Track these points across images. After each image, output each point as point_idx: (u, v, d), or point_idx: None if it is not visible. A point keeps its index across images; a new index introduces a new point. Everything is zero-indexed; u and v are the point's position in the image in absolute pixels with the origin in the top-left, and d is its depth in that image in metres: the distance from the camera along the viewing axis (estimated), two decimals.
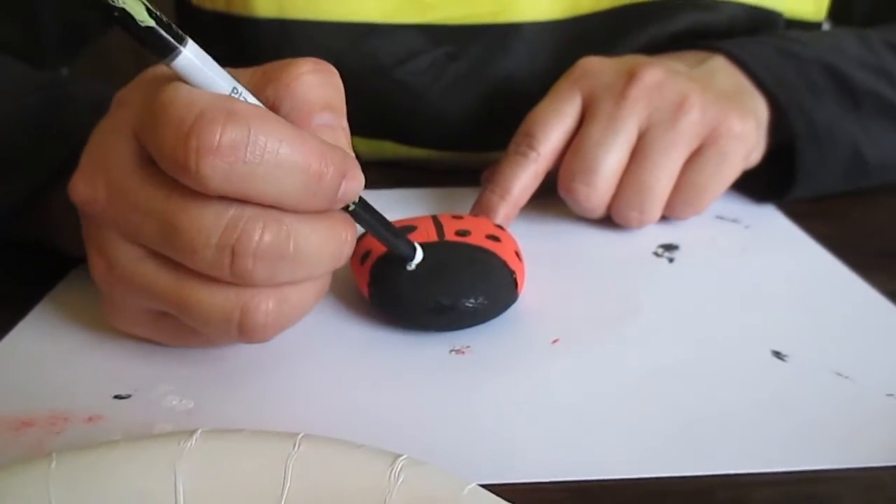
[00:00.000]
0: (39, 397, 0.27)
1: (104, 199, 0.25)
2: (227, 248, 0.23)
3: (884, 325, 0.32)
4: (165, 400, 0.27)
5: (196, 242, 0.23)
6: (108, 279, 0.26)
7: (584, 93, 0.40)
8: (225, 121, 0.22)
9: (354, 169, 0.25)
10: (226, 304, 0.25)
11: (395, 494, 0.20)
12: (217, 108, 0.22)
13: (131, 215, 0.24)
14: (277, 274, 0.24)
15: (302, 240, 0.24)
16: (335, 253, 0.26)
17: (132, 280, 0.25)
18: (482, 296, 0.30)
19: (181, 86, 0.23)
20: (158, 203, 0.24)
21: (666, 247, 0.39)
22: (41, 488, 0.21)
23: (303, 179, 0.23)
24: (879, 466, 0.24)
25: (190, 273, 0.24)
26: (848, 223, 0.43)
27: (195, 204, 0.23)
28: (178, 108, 0.22)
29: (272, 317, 0.25)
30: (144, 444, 0.22)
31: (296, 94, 0.25)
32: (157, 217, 0.24)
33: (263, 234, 0.23)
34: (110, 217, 0.25)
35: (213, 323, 0.25)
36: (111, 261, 0.26)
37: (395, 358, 0.30)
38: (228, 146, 0.22)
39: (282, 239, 0.23)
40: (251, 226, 0.23)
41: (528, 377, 0.29)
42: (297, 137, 0.23)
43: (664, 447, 0.25)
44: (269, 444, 0.22)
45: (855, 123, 0.44)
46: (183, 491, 0.21)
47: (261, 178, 0.22)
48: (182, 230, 0.23)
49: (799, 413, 0.27)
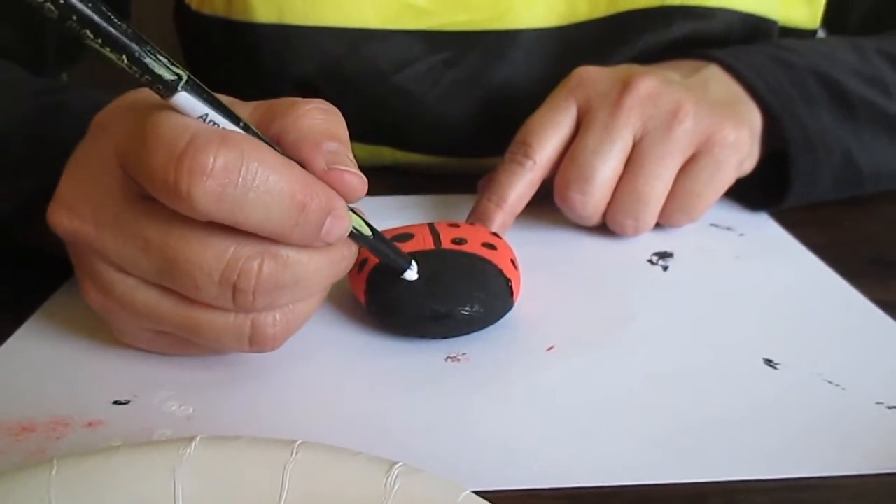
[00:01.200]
0: (40, 403, 0.27)
1: (92, 230, 0.25)
2: (228, 285, 0.24)
3: (874, 334, 0.33)
4: (165, 405, 0.28)
5: (199, 280, 0.24)
6: (104, 305, 0.26)
7: (579, 102, 0.40)
8: (219, 144, 0.22)
9: (341, 209, 0.25)
10: (237, 324, 0.25)
11: (391, 502, 0.21)
12: (210, 133, 0.22)
13: (125, 249, 0.24)
14: (278, 300, 0.25)
15: (299, 269, 0.25)
16: (334, 273, 0.27)
17: (132, 306, 0.26)
18: (478, 304, 0.31)
19: (171, 112, 0.23)
20: (155, 238, 0.24)
21: (660, 254, 0.40)
22: (42, 494, 0.21)
23: (288, 208, 0.23)
24: (869, 474, 0.25)
25: (194, 301, 0.25)
26: (841, 231, 0.44)
27: (195, 239, 0.24)
28: (171, 131, 0.22)
29: (280, 328, 0.26)
30: (144, 451, 0.22)
31: (303, 126, 0.25)
32: (154, 253, 0.24)
33: (262, 269, 0.24)
34: (100, 248, 0.25)
35: (225, 341, 0.26)
36: (105, 288, 0.26)
37: (391, 365, 0.30)
38: (222, 169, 0.22)
39: (279, 270, 0.24)
40: (251, 262, 0.24)
41: (523, 384, 0.29)
42: (287, 167, 0.23)
43: (657, 454, 0.25)
44: (267, 450, 0.22)
45: (848, 132, 0.44)
46: (182, 497, 0.21)
47: (250, 204, 0.23)
48: (183, 267, 0.24)
49: (790, 421, 0.27)
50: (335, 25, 0.48)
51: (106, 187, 0.25)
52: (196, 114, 0.23)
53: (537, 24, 0.49)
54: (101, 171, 0.25)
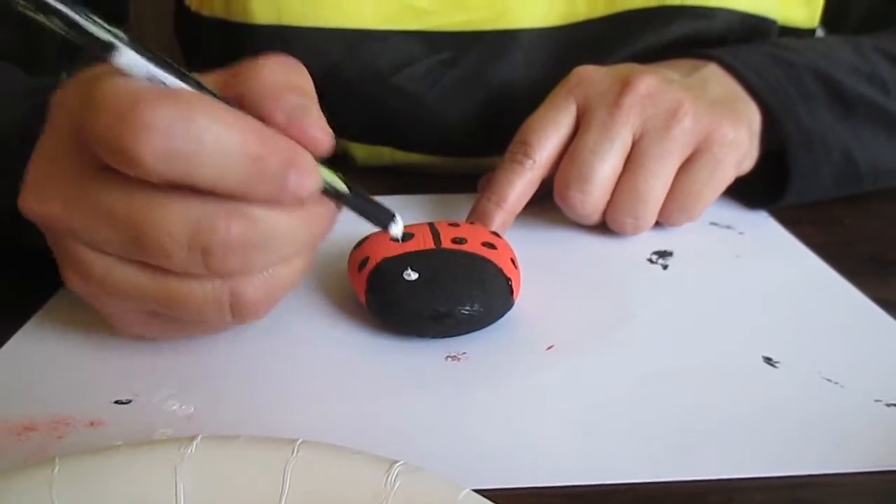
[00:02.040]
0: (41, 402, 0.28)
1: (60, 210, 0.24)
2: (197, 248, 0.23)
3: (873, 332, 0.33)
4: (165, 405, 0.28)
5: (168, 246, 0.23)
6: (87, 290, 0.26)
7: (578, 101, 0.41)
8: (164, 102, 0.21)
9: (306, 162, 0.24)
10: (215, 293, 0.25)
11: (392, 500, 0.21)
12: (155, 91, 0.22)
13: (93, 224, 0.24)
14: (253, 262, 0.25)
15: (270, 227, 0.24)
16: (312, 234, 0.26)
17: (112, 288, 0.25)
18: (478, 303, 0.31)
19: (117, 76, 0.22)
20: (119, 207, 0.23)
21: (660, 253, 0.40)
22: (44, 492, 0.21)
23: (242, 162, 0.23)
24: (867, 472, 0.25)
25: (169, 272, 0.25)
26: (840, 230, 0.44)
27: (158, 205, 0.23)
28: (114, 92, 0.22)
29: (261, 295, 0.26)
30: (145, 450, 0.22)
31: (263, 81, 0.25)
32: (121, 224, 0.23)
33: (230, 228, 0.23)
34: (71, 228, 0.24)
35: (206, 312, 0.25)
36: (85, 271, 0.25)
37: (391, 364, 0.30)
38: (168, 126, 0.21)
39: (248, 229, 0.24)
40: (216, 222, 0.23)
41: (523, 383, 0.29)
42: (239, 120, 0.23)
43: (657, 452, 0.26)
44: (267, 449, 0.22)
45: (847, 130, 0.45)
46: (183, 495, 0.21)
47: (202, 161, 0.22)
48: (149, 235, 0.23)
49: (789, 419, 0.27)
50: (334, 26, 0.48)
51: (67, 164, 0.24)
52: (142, 74, 0.22)
53: (536, 23, 0.49)
54: (61, 149, 0.24)
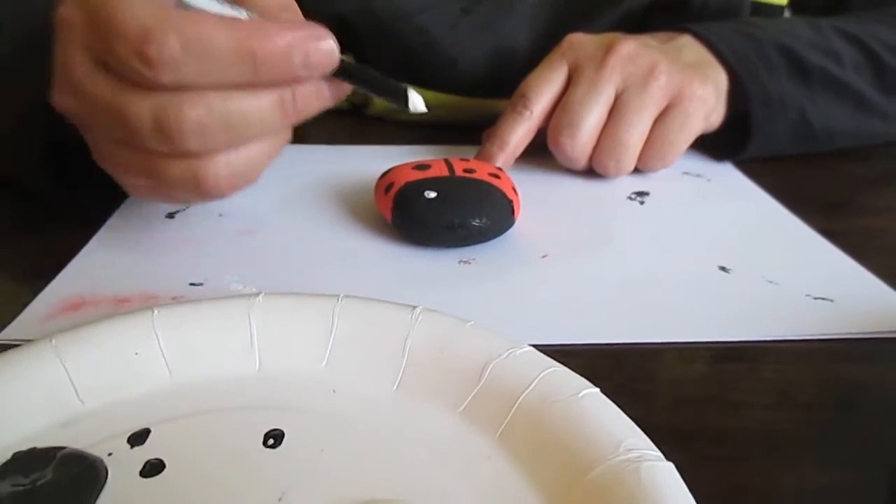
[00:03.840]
0: (132, 284, 0.34)
1: (75, 105, 0.30)
2: (158, 128, 0.28)
3: (811, 249, 0.40)
4: (231, 286, 0.34)
5: (137, 126, 0.28)
6: (107, 166, 0.32)
7: (570, 62, 0.47)
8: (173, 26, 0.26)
9: (313, 39, 0.28)
10: (183, 173, 0.30)
11: (415, 330, 0.27)
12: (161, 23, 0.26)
13: (94, 115, 0.30)
14: (212, 143, 0.29)
15: (227, 112, 0.28)
16: (280, 115, 0.30)
17: (123, 166, 0.31)
18: (486, 217, 0.37)
19: None
20: (109, 98, 0.28)
21: (638, 193, 0.47)
22: (148, 327, 0.27)
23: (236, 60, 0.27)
24: (791, 340, 0.31)
25: (152, 152, 0.30)
26: (794, 179, 0.51)
27: (134, 95, 0.28)
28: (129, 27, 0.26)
29: (223, 179, 0.30)
30: (225, 301, 0.29)
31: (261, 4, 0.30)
32: (109, 111, 0.29)
33: (187, 113, 0.28)
34: (84, 117, 0.30)
35: (177, 188, 0.30)
36: (100, 153, 0.31)
37: (414, 267, 0.37)
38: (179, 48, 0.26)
39: (205, 113, 0.28)
40: (176, 107, 0.28)
41: (521, 281, 0.36)
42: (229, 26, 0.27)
43: (629, 325, 0.32)
44: (318, 299, 0.29)
45: (804, 95, 0.51)
46: (256, 330, 0.28)
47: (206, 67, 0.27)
48: (125, 118, 0.28)
49: (734, 305, 0.34)
50: None
51: (77, 70, 0.29)
52: None
53: None
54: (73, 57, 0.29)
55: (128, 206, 0.42)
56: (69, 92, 0.30)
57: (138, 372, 0.26)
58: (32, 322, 0.31)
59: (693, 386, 0.29)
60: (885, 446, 0.26)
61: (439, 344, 0.27)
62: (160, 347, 0.27)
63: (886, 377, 0.29)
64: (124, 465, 0.23)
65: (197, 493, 0.22)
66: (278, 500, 0.22)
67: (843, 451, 0.26)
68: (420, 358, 0.27)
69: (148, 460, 0.23)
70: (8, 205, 0.42)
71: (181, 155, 0.29)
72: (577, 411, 0.24)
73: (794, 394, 0.28)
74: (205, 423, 0.25)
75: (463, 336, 0.27)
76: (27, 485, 0.22)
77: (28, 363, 0.25)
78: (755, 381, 0.29)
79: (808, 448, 0.26)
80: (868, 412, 0.28)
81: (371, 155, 0.52)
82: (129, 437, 0.24)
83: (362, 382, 0.27)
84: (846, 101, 0.53)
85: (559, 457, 0.23)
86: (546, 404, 0.24)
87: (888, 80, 0.54)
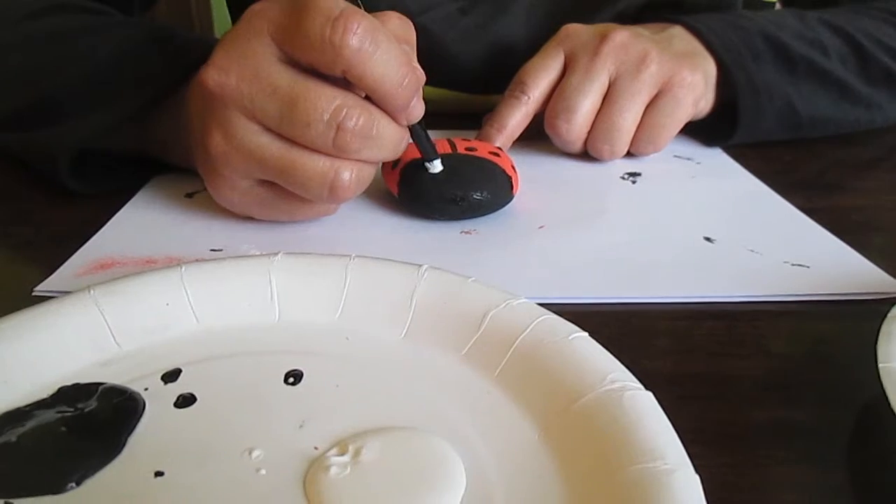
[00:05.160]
0: (156, 247, 0.37)
1: (234, 84, 0.33)
2: (333, 124, 0.33)
3: (791, 223, 0.42)
4: (249, 253, 0.37)
5: (312, 117, 0.32)
6: (224, 150, 0.35)
7: (566, 51, 0.50)
8: (362, 15, 0.31)
9: (421, 96, 0.35)
10: (324, 168, 0.34)
11: (420, 285, 0.30)
12: (353, 7, 0.32)
13: (258, 95, 0.33)
14: (362, 150, 0.34)
15: (382, 128, 0.34)
16: (396, 146, 0.36)
17: (247, 149, 0.34)
18: (487, 191, 0.40)
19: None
20: (285, 85, 0.32)
21: (631, 174, 0.49)
22: (176, 281, 0.30)
23: (399, 71, 0.33)
24: (767, 301, 0.34)
25: (297, 145, 0.34)
26: (780, 163, 0.53)
27: (315, 86, 0.32)
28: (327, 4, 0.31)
29: (354, 181, 0.35)
30: (246, 259, 0.31)
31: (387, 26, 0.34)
32: (281, 96, 0.32)
33: (360, 118, 0.33)
34: (237, 98, 0.33)
35: (312, 183, 0.34)
36: (230, 133, 0.34)
37: (419, 237, 0.39)
38: (364, 30, 0.31)
39: (370, 123, 0.33)
40: (354, 110, 0.33)
41: (519, 247, 0.38)
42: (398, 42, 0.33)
43: (617, 285, 0.35)
44: (332, 258, 0.31)
45: (790, 84, 0.54)
46: (276, 285, 0.30)
47: (376, 60, 0.32)
48: (301, 106, 0.32)
49: (718, 271, 0.36)
50: None
51: (256, 53, 0.33)
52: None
53: None
54: (255, 43, 0.33)
55: (149, 188, 0.44)
56: (235, 74, 0.33)
57: (169, 320, 0.29)
58: (67, 277, 0.34)
59: (674, 339, 0.31)
60: (847, 390, 0.28)
61: (443, 297, 0.30)
62: (188, 299, 0.30)
63: (853, 332, 0.32)
64: (159, 398, 0.26)
65: (226, 420, 0.25)
66: (299, 427, 0.25)
67: (809, 394, 0.28)
68: (426, 309, 0.29)
69: (181, 394, 0.26)
70: (43, 180, 0.45)
71: (327, 152, 0.34)
72: (567, 351, 0.26)
73: (767, 346, 0.31)
74: (230, 364, 0.28)
75: (465, 290, 0.30)
76: (74, 411, 0.25)
77: (70, 310, 0.28)
78: (732, 335, 0.32)
79: (777, 390, 0.28)
80: (834, 362, 0.30)
81: None
82: (163, 376, 0.27)
83: (373, 330, 0.29)
84: (831, 90, 0.56)
85: (550, 389, 0.25)
86: (539, 346, 0.27)
87: (872, 70, 0.57)
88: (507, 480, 0.22)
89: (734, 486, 0.23)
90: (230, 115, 0.34)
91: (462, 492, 0.22)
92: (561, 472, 0.23)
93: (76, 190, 0.42)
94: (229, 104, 0.34)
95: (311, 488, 0.22)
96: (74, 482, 0.22)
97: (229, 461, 0.23)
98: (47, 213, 0.43)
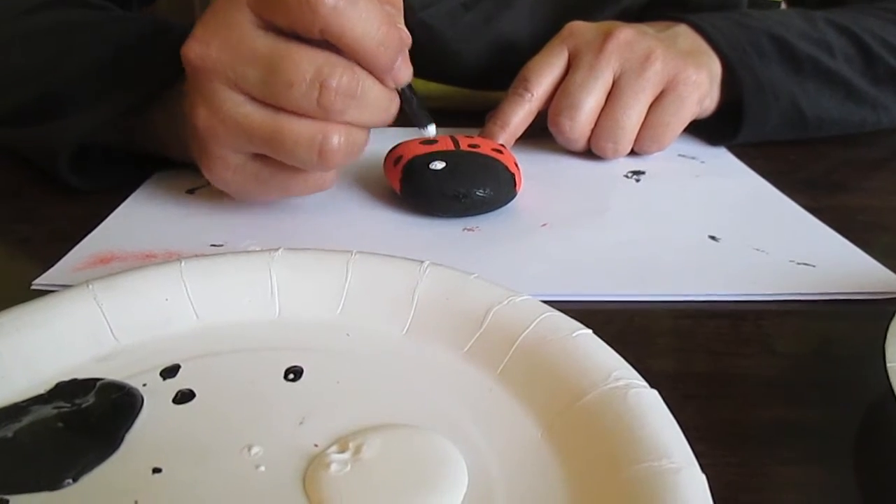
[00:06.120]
0: (156, 242, 0.36)
1: (215, 54, 0.32)
2: (316, 83, 0.32)
3: (795, 222, 0.42)
4: (249, 248, 0.36)
5: (294, 78, 0.32)
6: (210, 124, 0.34)
7: (570, 48, 0.49)
8: None
9: (407, 59, 0.34)
10: (311, 131, 0.33)
11: (422, 280, 0.29)
12: None
13: (239, 63, 0.32)
14: (348, 110, 0.33)
15: (367, 88, 0.33)
16: (385, 109, 0.35)
17: (233, 120, 0.33)
18: (489, 188, 0.40)
19: None
20: (265, 49, 0.32)
21: (634, 172, 0.49)
22: (176, 275, 0.29)
23: (379, 29, 0.32)
24: (772, 299, 0.34)
25: (282, 111, 0.33)
26: (784, 162, 0.53)
27: (295, 49, 0.32)
28: None
29: (343, 144, 0.34)
30: (247, 254, 0.31)
31: None
32: (262, 62, 0.32)
33: (343, 76, 0.32)
34: (219, 68, 0.33)
35: (300, 147, 0.33)
36: (215, 106, 0.33)
37: (421, 234, 0.39)
38: None
39: (355, 82, 0.32)
40: (336, 69, 0.32)
41: (522, 245, 0.38)
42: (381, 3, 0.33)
43: (622, 283, 0.34)
44: (333, 254, 0.31)
45: (795, 83, 0.54)
46: (277, 280, 0.30)
47: (354, 18, 0.31)
48: (283, 69, 0.32)
49: (722, 269, 0.36)
50: None
51: (236, 23, 0.32)
52: None
53: None
54: (230, 11, 0.33)
55: (151, 184, 0.44)
56: (216, 45, 0.33)
57: (168, 315, 0.29)
58: (66, 271, 0.33)
59: (679, 338, 0.31)
60: (853, 390, 0.28)
61: (445, 293, 0.29)
62: (188, 294, 0.29)
63: (859, 332, 0.31)
64: (158, 393, 0.26)
65: (225, 417, 0.25)
66: (299, 424, 0.24)
67: (815, 393, 0.28)
68: (427, 305, 0.29)
69: (179, 390, 0.26)
70: (43, 177, 0.45)
71: (313, 115, 0.33)
72: (570, 348, 0.26)
73: (772, 345, 0.31)
74: (230, 360, 0.27)
75: (467, 286, 0.29)
76: (72, 407, 0.24)
77: (68, 305, 0.28)
78: (737, 333, 0.31)
79: (782, 389, 0.28)
80: (840, 361, 0.30)
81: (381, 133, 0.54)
82: (162, 371, 0.27)
83: (374, 327, 0.29)
84: (836, 90, 0.55)
85: (553, 386, 0.25)
86: (542, 343, 0.26)
87: (878, 70, 0.56)
88: (510, 479, 0.22)
89: (739, 486, 0.23)
90: (214, 88, 0.33)
91: (464, 490, 0.21)
92: (564, 471, 0.22)
93: (76, 186, 0.42)
94: (212, 76, 0.33)
95: (310, 486, 0.22)
96: (71, 478, 0.22)
97: (228, 458, 0.23)
98: (47, 209, 0.42)
